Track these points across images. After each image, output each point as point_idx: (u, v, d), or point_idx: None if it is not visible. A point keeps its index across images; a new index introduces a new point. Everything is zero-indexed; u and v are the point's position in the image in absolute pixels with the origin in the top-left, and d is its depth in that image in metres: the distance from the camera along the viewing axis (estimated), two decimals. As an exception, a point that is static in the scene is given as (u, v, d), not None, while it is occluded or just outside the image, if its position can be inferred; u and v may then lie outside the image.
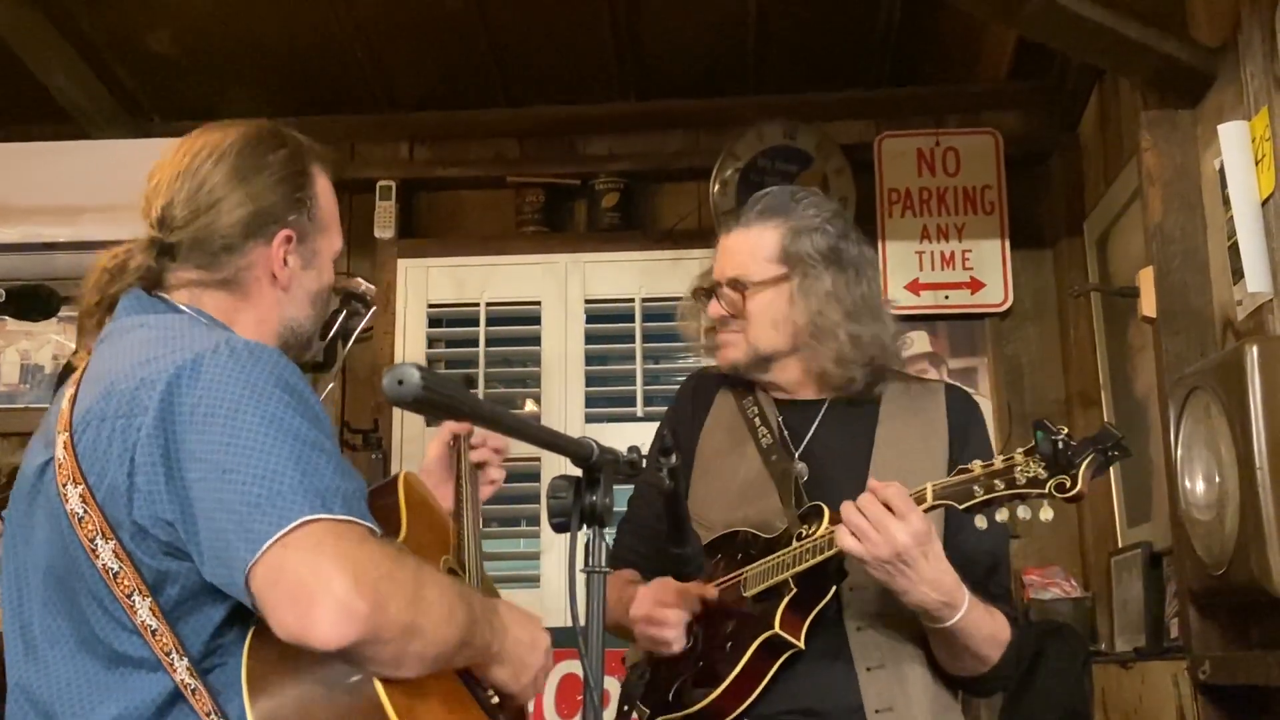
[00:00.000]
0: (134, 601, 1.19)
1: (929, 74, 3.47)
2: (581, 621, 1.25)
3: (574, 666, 3.01)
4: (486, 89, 3.51)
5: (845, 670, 1.67)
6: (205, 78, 3.42)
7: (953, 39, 3.36)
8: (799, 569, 1.64)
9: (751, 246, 1.84)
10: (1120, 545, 2.95)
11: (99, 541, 1.19)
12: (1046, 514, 1.52)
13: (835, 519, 1.60)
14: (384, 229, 3.45)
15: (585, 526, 1.26)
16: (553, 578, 3.27)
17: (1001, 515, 1.55)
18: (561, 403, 3.35)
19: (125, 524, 1.19)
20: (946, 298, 3.31)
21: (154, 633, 1.19)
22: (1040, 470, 1.50)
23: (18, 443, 3.30)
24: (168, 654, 1.19)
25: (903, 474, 1.62)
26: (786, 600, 1.64)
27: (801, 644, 1.62)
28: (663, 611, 1.71)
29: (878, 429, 1.81)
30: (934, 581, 1.55)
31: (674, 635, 1.70)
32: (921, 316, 3.28)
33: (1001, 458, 1.55)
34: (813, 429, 1.85)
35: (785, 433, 1.85)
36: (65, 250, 3.21)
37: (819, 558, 1.62)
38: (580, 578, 1.28)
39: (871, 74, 3.44)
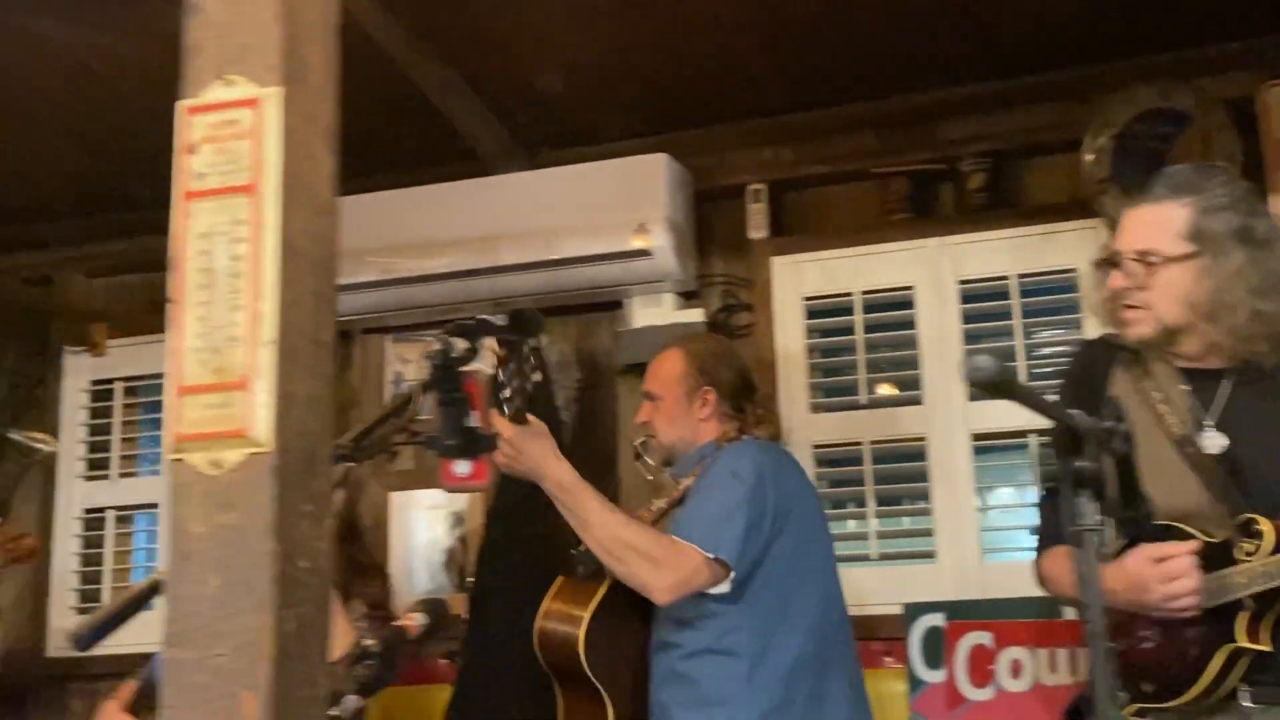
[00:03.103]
0: None
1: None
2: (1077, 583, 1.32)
3: (983, 638, 3.08)
4: (842, 85, 3.63)
5: None
6: (587, 108, 3.75)
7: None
8: (1257, 590, 1.67)
9: (1161, 221, 1.87)
10: None
11: None
12: None
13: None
14: (757, 230, 3.66)
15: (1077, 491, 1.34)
16: (946, 554, 3.35)
17: None
18: (942, 384, 3.42)
19: None
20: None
21: None
22: None
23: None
24: None
25: None
26: (1247, 614, 1.68)
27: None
28: (1173, 554, 1.72)
29: None
30: None
31: (1194, 585, 1.71)
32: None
33: None
34: (1223, 404, 1.87)
35: (1192, 408, 1.87)
36: (483, 276, 3.63)
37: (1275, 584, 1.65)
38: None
39: (1250, 21, 3.28)
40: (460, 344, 1.84)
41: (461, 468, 1.87)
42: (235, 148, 1.22)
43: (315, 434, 1.23)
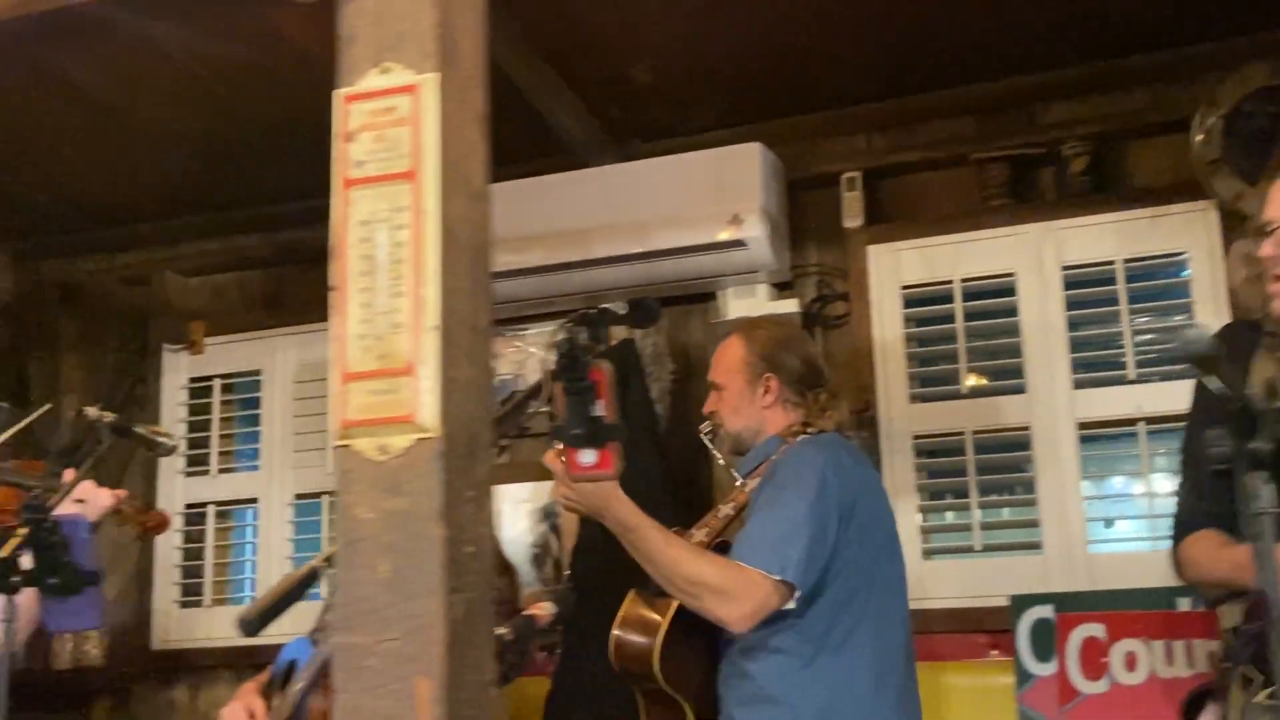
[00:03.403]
0: None
1: None
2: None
3: (1095, 630, 3.03)
4: (938, 71, 3.58)
5: None
6: (678, 98, 3.73)
7: None
8: None
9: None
10: None
11: None
12: None
13: None
14: (852, 218, 3.62)
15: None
16: (1052, 544, 3.29)
17: None
18: (1046, 371, 3.36)
19: None
20: None
21: None
22: None
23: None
24: None
25: None
26: None
27: None
28: None
29: None
30: None
31: None
32: None
33: None
34: None
35: None
36: (576, 269, 3.64)
37: None
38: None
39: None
40: (585, 333, 1.84)
41: (587, 457, 1.86)
42: (394, 135, 1.22)
43: (476, 419, 1.23)
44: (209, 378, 4.29)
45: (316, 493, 4.11)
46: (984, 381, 3.51)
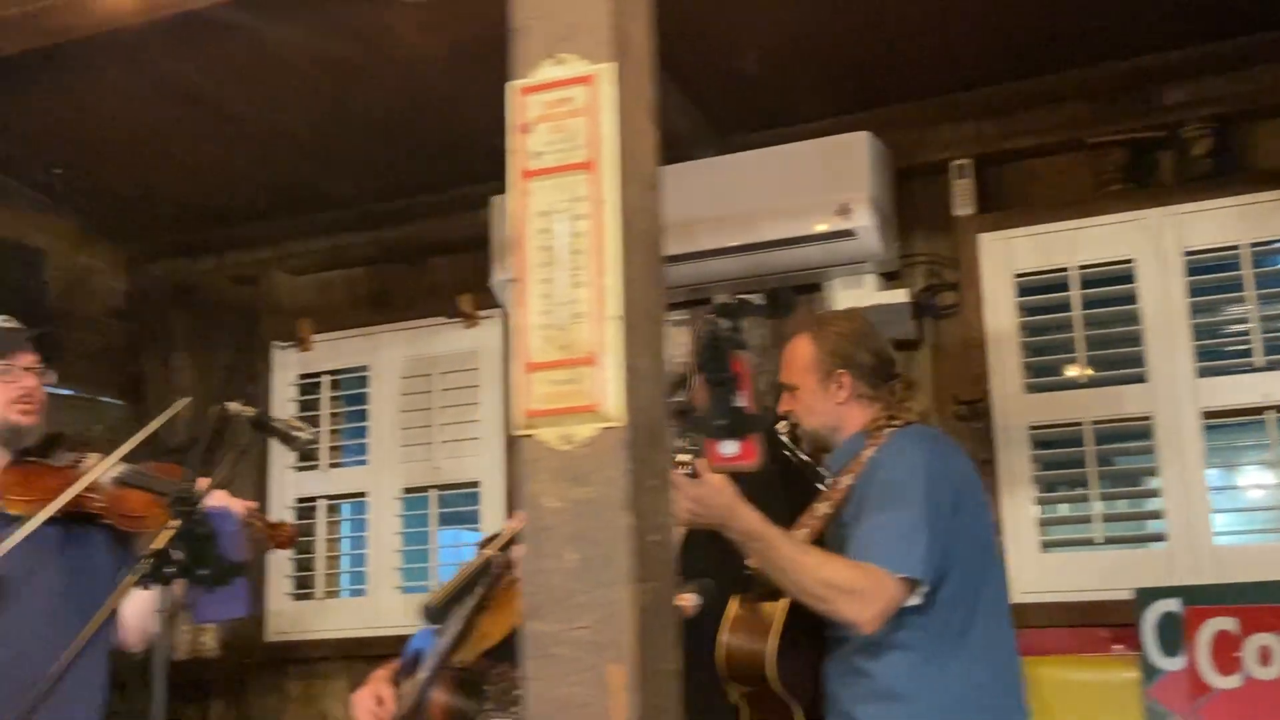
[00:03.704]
0: None
1: None
2: None
3: (1226, 624, 2.96)
4: (1048, 55, 3.52)
5: None
6: (782, 88, 3.71)
7: None
8: None
9: None
10: None
11: None
12: None
13: None
14: (962, 206, 3.57)
15: None
16: (1177, 536, 3.22)
17: None
18: (1168, 359, 3.28)
19: None
20: None
21: None
22: None
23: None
24: None
25: None
26: None
27: None
28: None
29: None
30: None
31: None
32: None
33: None
34: None
35: None
36: (681, 262, 3.63)
37: None
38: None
39: None
40: (726, 324, 1.84)
41: (729, 448, 1.86)
42: (571, 125, 1.22)
43: (656, 408, 1.23)
44: (318, 374, 4.36)
45: (424, 486, 4.16)
46: (1090, 373, 3.43)
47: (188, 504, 2.00)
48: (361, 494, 4.25)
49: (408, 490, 4.19)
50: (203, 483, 2.08)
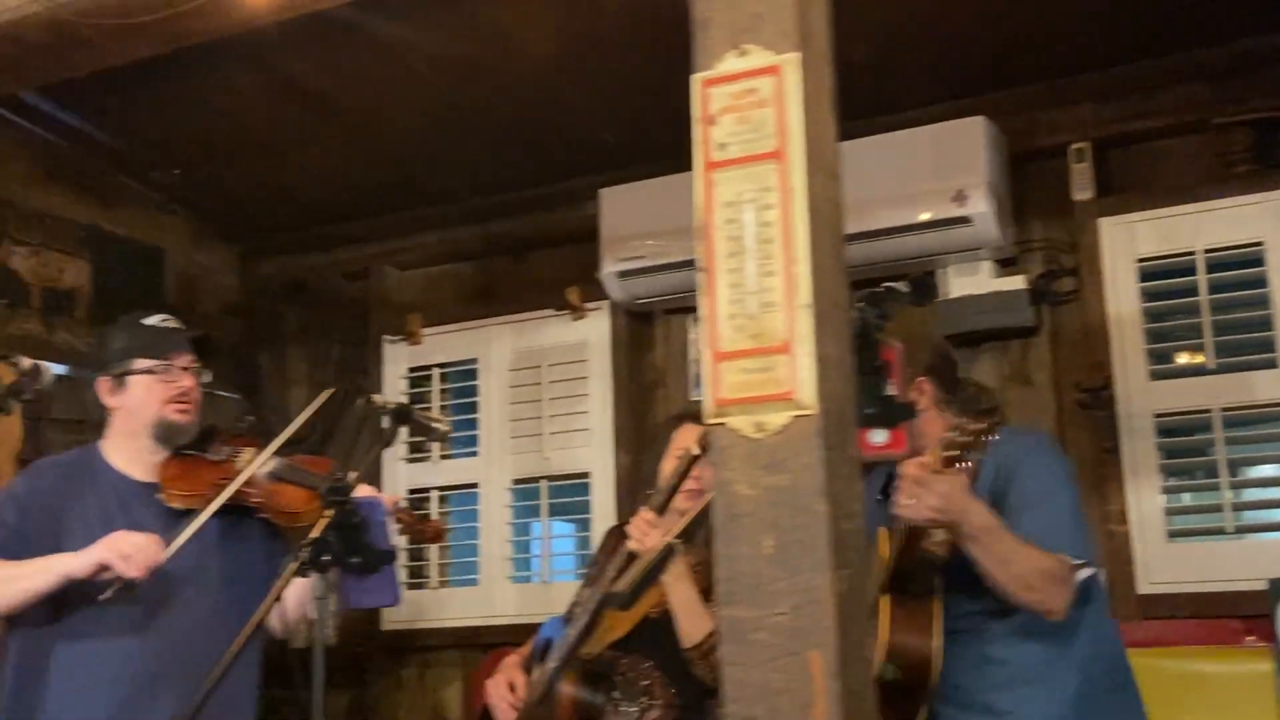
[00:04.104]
0: None
1: None
2: None
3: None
4: (1167, 35, 3.44)
5: None
6: (894, 76, 3.67)
7: None
8: None
9: None
10: None
11: None
12: None
13: None
14: (1081, 190, 3.51)
15: None
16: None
17: None
18: (1303, 344, 3.20)
19: None
20: None
21: None
22: None
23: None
24: None
25: None
26: None
27: None
28: None
29: None
30: None
31: None
32: None
33: None
34: None
35: None
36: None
37: None
38: None
39: None
40: (874, 312, 1.83)
41: (878, 436, 1.86)
42: (757, 116, 1.23)
43: (845, 396, 1.24)
44: (427, 367, 4.43)
45: (534, 477, 4.21)
46: (1229, 357, 3.35)
47: (340, 494, 2.05)
48: (472, 485, 4.31)
49: (517, 481, 4.24)
50: (353, 474, 2.13)
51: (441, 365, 4.42)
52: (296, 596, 2.26)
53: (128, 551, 2.20)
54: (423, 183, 4.30)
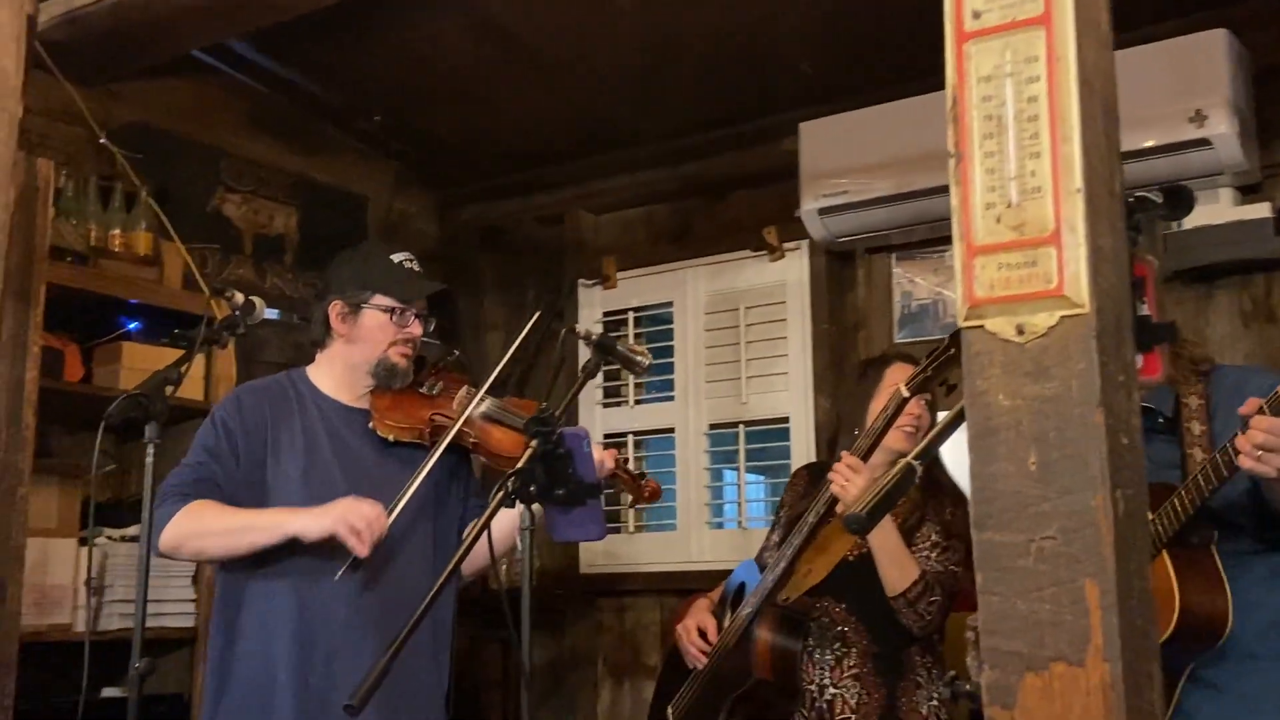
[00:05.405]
0: None
1: None
2: None
3: None
4: None
5: None
6: None
7: None
8: None
9: None
10: None
11: None
12: None
13: None
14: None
15: None
16: None
17: None
18: None
19: None
20: None
21: None
22: None
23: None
24: None
25: None
26: None
27: None
28: None
29: None
30: None
31: None
32: None
33: None
34: None
35: None
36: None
37: None
38: None
39: None
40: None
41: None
42: (1018, -23, 1.08)
43: (1121, 294, 1.09)
44: (623, 311, 4.38)
45: (731, 422, 4.12)
46: None
47: (545, 425, 1.99)
48: (669, 429, 4.25)
49: (714, 426, 4.16)
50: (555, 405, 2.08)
51: (636, 309, 4.37)
52: (501, 528, 2.23)
53: (359, 526, 2.18)
54: (618, 125, 4.23)
